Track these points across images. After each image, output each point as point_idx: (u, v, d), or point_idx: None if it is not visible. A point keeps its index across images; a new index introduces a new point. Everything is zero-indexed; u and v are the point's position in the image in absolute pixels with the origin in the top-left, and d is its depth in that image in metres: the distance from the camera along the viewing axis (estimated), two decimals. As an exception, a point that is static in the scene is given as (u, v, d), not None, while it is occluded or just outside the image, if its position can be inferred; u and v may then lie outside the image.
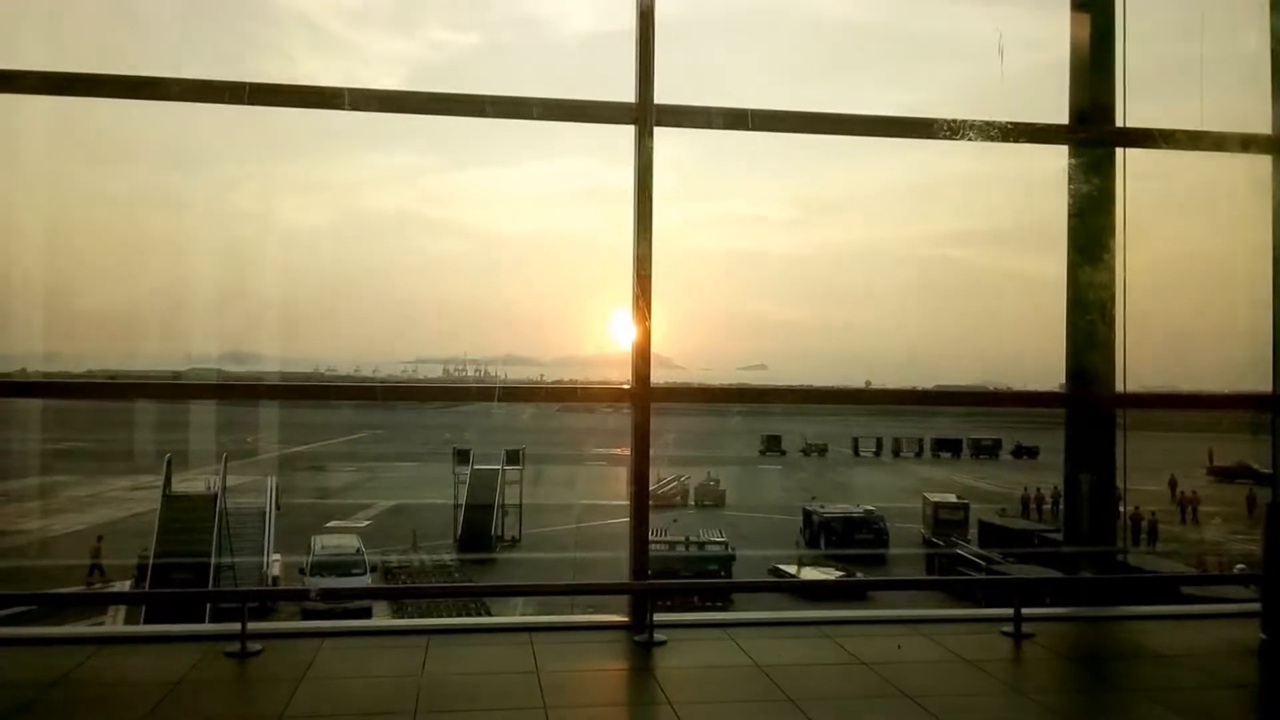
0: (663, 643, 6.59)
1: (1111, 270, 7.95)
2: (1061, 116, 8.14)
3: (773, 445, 54.51)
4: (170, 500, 24.83)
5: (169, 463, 26.08)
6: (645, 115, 7.05)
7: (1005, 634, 6.90)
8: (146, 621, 15.84)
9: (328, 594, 15.09)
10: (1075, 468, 8.51)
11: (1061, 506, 35.42)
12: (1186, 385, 9.80)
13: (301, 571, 24.83)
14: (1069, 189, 8.06)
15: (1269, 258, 8.05)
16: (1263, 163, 8.10)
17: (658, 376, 7.19)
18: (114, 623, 16.90)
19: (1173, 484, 36.03)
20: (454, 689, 5.69)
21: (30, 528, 30.88)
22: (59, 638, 6.94)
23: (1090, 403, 8.23)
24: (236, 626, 6.30)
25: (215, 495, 24.84)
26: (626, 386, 7.14)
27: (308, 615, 16.12)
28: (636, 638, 6.68)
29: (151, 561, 22.17)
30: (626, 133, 7.11)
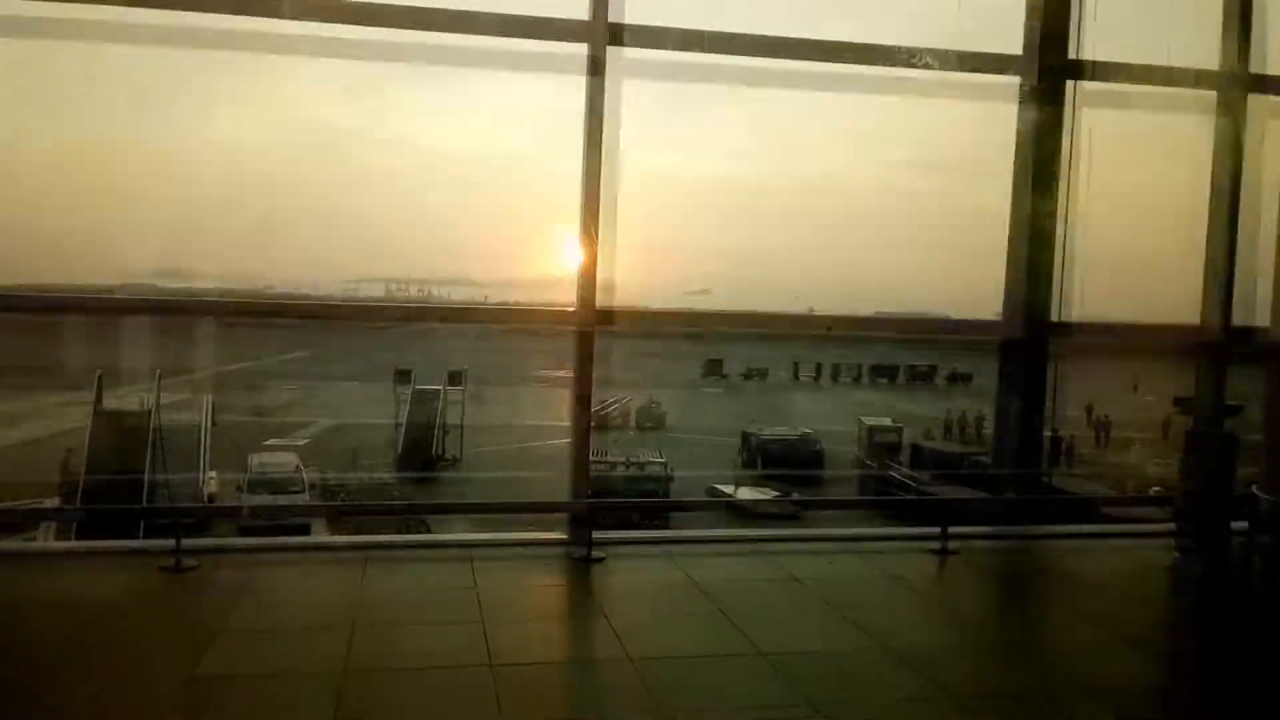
0: (601, 559, 6.69)
1: (1054, 201, 8.05)
2: (1016, 47, 8.14)
3: (714, 369, 54.88)
4: (102, 417, 24.32)
5: (100, 379, 25.47)
6: (598, 33, 6.93)
7: (932, 552, 7.14)
8: (78, 539, 15.60)
9: (263, 510, 14.96)
10: (1005, 394, 8.74)
11: (985, 429, 36.46)
12: (1124, 317, 10.01)
13: (239, 489, 24.61)
14: (1018, 118, 8.10)
15: (1205, 195, 8.21)
16: (1210, 100, 8.20)
17: (603, 301, 7.17)
18: (45, 539, 16.62)
19: (1089, 409, 37.24)
20: (392, 604, 5.73)
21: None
22: (-12, 553, 6.83)
23: (1023, 330, 8.40)
24: (171, 543, 6.24)
25: (149, 412, 24.40)
26: (571, 309, 7.12)
27: (245, 533, 16.02)
28: (575, 554, 6.78)
29: (83, 479, 21.77)
30: (581, 51, 6.99)
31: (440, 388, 33.97)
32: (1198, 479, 7.01)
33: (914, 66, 7.62)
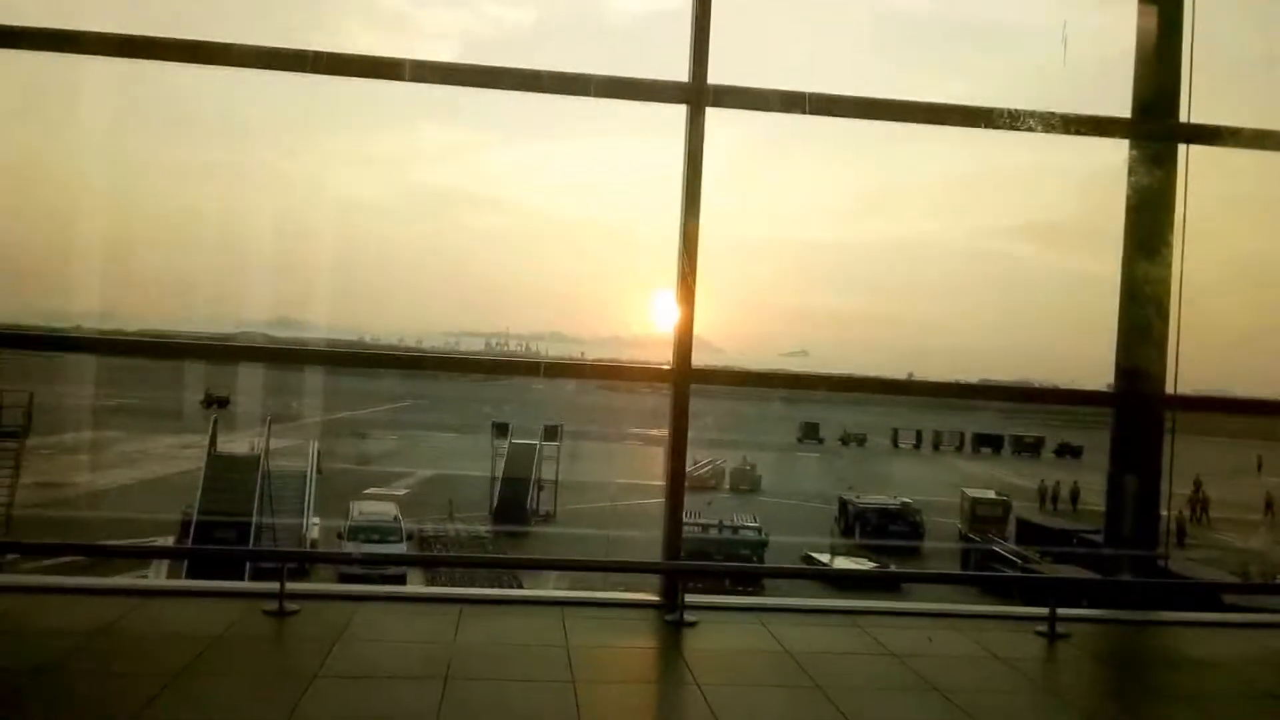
0: (693, 624, 6.60)
1: (1169, 267, 7.77)
2: (1124, 110, 7.96)
3: (810, 433, 54.23)
4: (215, 460, 25.35)
5: (215, 423, 26.61)
6: (699, 94, 7.03)
7: (1039, 633, 6.82)
8: (188, 577, 16.18)
9: (364, 559, 15.26)
10: (1119, 469, 8.37)
11: (1077, 501, 35.99)
12: (1240, 389, 9.59)
13: (339, 536, 25.23)
14: (1129, 183, 7.88)
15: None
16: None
17: (698, 359, 7.18)
18: (157, 576, 17.28)
19: (1197, 484, 35.58)
20: (484, 657, 5.76)
21: (80, 480, 31.67)
22: (104, 588, 7.13)
23: (1138, 403, 8.07)
24: (275, 586, 6.42)
25: (258, 457, 25.32)
26: (667, 366, 7.14)
27: (344, 579, 16.38)
28: (667, 617, 6.70)
29: (195, 519, 22.66)
30: (679, 112, 7.09)
31: (536, 443, 34.36)
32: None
33: (1019, 129, 7.49)
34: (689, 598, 6.81)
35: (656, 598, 7.02)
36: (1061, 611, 6.92)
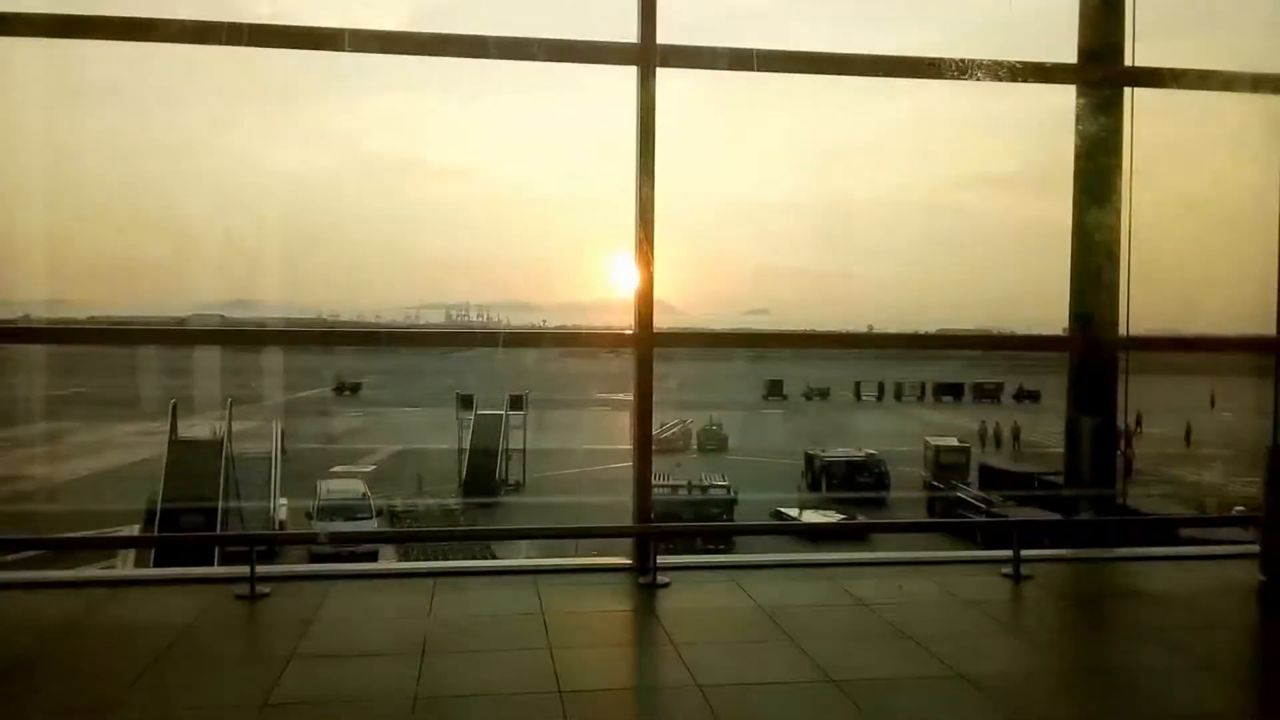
0: (666, 584, 6.67)
1: (1118, 213, 7.87)
2: (1070, 56, 8.01)
3: (775, 390, 54.54)
4: (177, 445, 24.99)
5: (174, 409, 26.20)
6: (648, 56, 6.95)
7: (1005, 575, 6.98)
8: (156, 565, 16.00)
9: (334, 537, 15.21)
10: (1076, 411, 8.54)
11: (1018, 440, 37.46)
12: (1191, 329, 9.79)
13: (308, 516, 25.07)
14: (1076, 130, 7.94)
15: (1275, 200, 7.97)
16: (1274, 103, 7.98)
17: (660, 322, 7.18)
18: (124, 567, 17.07)
19: (1139, 420, 36.51)
20: (459, 630, 5.77)
21: (38, 473, 31.11)
22: (70, 581, 7.04)
23: (1093, 346, 8.22)
24: (245, 570, 6.38)
25: (221, 440, 25.01)
26: (629, 331, 7.14)
27: (315, 559, 16.27)
28: (640, 580, 6.77)
29: (160, 506, 22.38)
30: (630, 75, 7.02)
31: (502, 413, 34.25)
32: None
33: (966, 79, 7.50)
34: (661, 559, 6.87)
35: (629, 561, 7.07)
36: (1025, 553, 7.07)
